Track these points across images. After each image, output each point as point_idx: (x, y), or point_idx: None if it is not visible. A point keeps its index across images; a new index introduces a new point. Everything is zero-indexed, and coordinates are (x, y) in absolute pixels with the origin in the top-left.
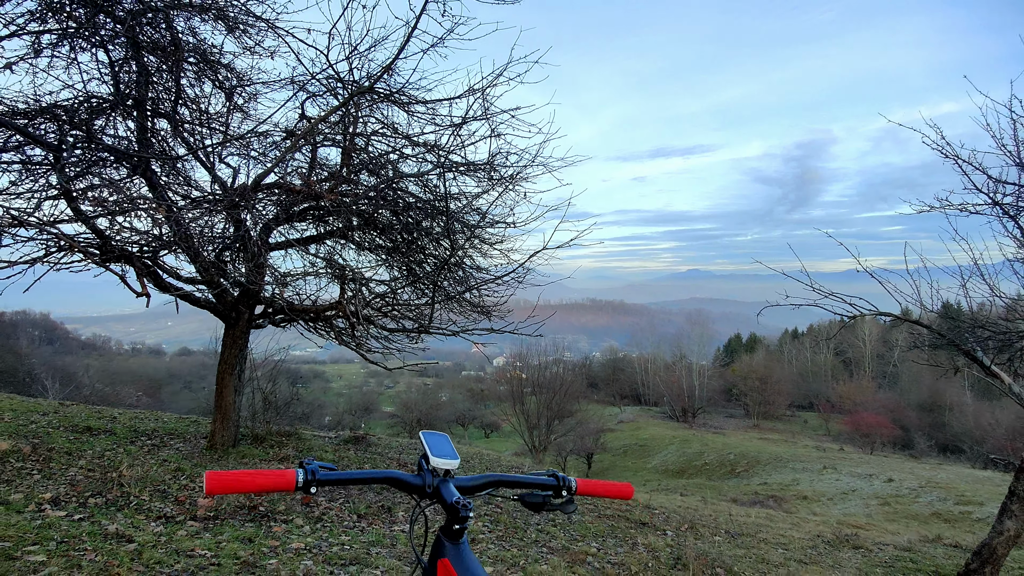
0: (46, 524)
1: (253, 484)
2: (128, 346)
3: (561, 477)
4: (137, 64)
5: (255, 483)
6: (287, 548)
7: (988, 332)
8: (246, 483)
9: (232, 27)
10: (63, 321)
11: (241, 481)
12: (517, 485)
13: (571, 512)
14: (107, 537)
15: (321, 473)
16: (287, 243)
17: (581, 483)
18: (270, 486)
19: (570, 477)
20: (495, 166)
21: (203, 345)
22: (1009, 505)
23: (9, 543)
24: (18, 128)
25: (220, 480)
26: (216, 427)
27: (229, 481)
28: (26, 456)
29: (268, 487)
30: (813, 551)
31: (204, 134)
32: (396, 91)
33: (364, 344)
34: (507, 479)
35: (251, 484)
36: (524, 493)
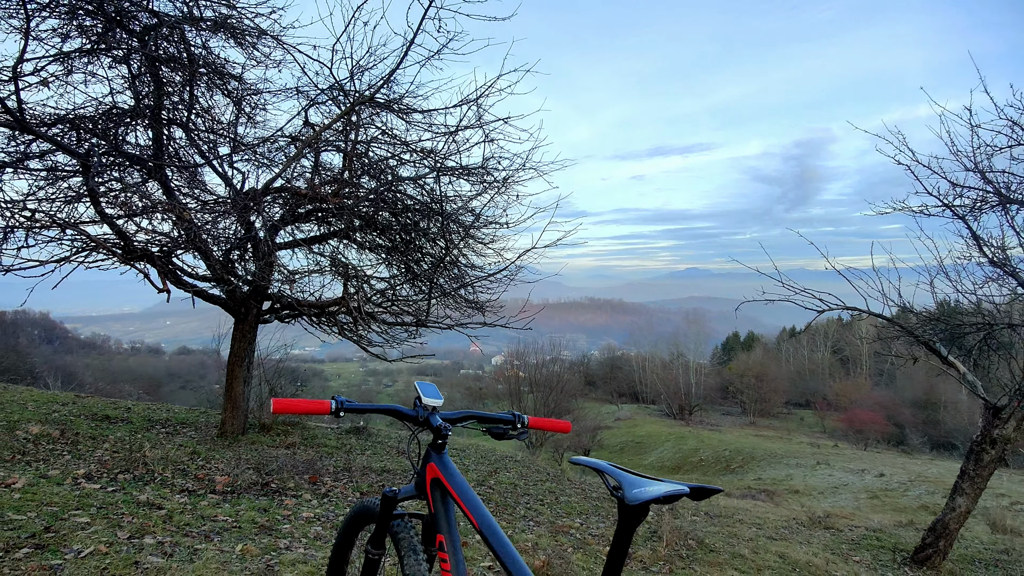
0: (84, 494)
1: (304, 408)
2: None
3: (517, 415)
4: (153, 76)
5: (306, 407)
6: (298, 516)
7: (943, 325)
8: (299, 407)
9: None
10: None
11: (296, 405)
12: (486, 420)
13: (524, 439)
14: (139, 504)
15: (347, 404)
16: (293, 243)
17: (532, 420)
18: (315, 410)
19: (524, 415)
20: (488, 170)
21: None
22: (960, 484)
23: (56, 508)
24: (49, 137)
25: (282, 404)
26: (226, 416)
27: (288, 405)
28: (55, 439)
29: (314, 411)
30: (785, 530)
31: (217, 142)
32: (395, 100)
33: (365, 338)
34: (478, 415)
35: (303, 408)
36: (490, 426)
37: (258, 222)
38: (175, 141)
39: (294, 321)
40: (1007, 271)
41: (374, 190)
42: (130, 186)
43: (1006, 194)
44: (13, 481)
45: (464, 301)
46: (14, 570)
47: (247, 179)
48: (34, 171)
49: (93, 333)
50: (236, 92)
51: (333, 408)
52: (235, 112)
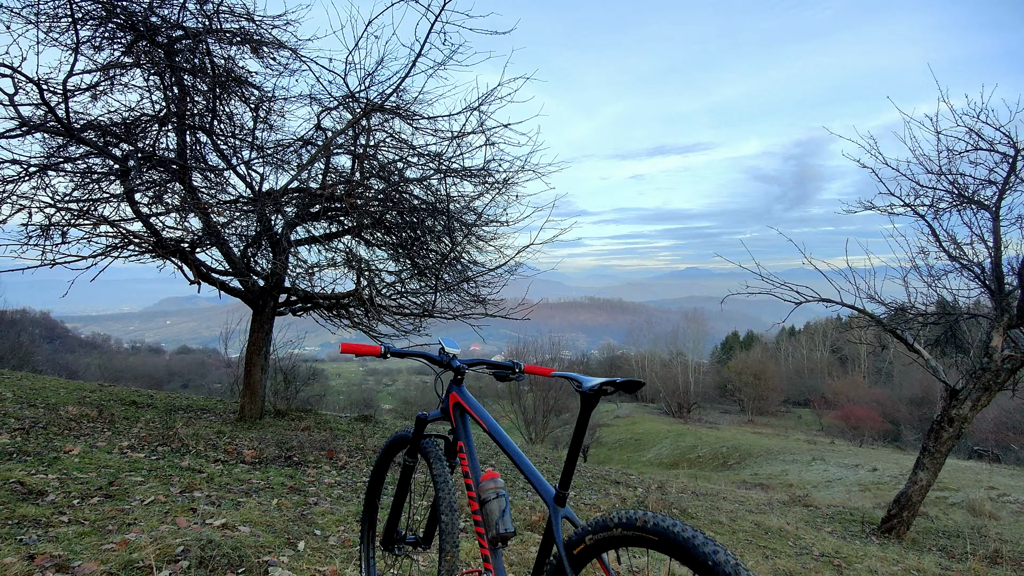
0: (132, 461)
1: (364, 350)
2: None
3: (516, 363)
4: (178, 85)
5: (365, 350)
6: (320, 482)
7: (909, 315)
8: (360, 349)
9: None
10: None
11: (358, 348)
12: (493, 366)
13: (520, 379)
14: (182, 469)
15: (392, 349)
16: (311, 239)
17: (527, 367)
18: (371, 352)
19: (520, 363)
20: (490, 171)
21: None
22: (922, 459)
23: (112, 470)
24: (93, 143)
25: (348, 346)
26: (245, 401)
27: (352, 347)
28: (94, 419)
29: (370, 352)
30: (766, 506)
31: (237, 146)
32: (403, 107)
33: (374, 329)
34: (487, 361)
35: (363, 350)
36: (496, 371)
37: (278, 220)
38: (200, 145)
39: (305, 314)
40: (964, 265)
41: (383, 191)
42: (161, 186)
43: (967, 195)
44: (70, 449)
45: (467, 295)
46: (94, 511)
47: (265, 180)
48: (71, 173)
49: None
50: (254, 99)
51: (383, 351)
52: (253, 118)
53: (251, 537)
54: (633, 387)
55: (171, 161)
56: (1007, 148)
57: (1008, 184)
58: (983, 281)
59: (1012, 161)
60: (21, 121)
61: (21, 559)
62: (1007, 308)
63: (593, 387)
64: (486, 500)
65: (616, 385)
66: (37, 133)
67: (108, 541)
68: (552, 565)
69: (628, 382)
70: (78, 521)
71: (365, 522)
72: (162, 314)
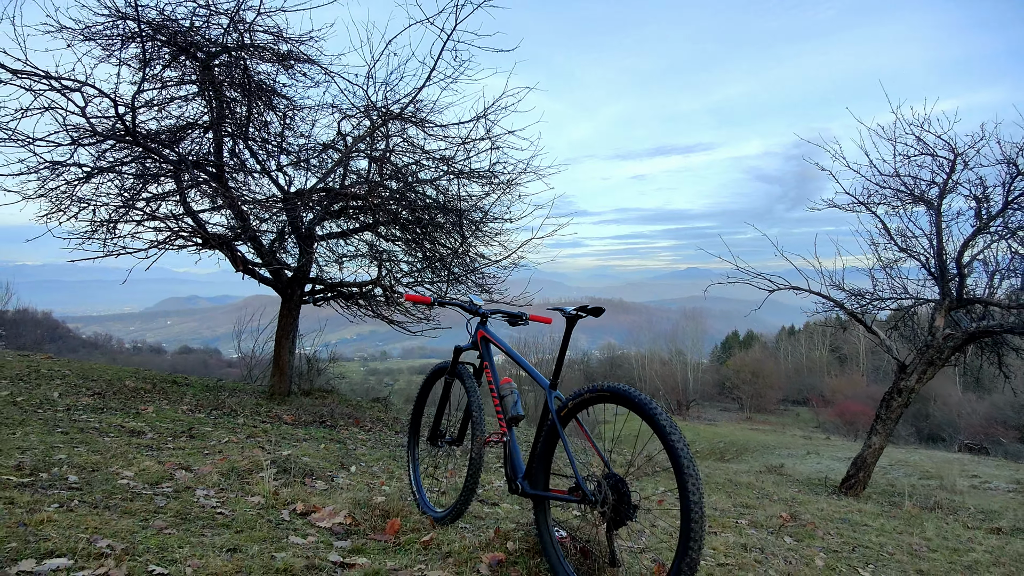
0: (198, 418)
1: (420, 299)
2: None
3: (523, 313)
4: (216, 96)
5: (422, 299)
6: (354, 439)
7: (865, 300)
8: (419, 298)
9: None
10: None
11: (418, 297)
12: (507, 315)
13: (526, 325)
14: (239, 425)
15: (438, 299)
16: (337, 234)
17: (531, 316)
18: (424, 301)
19: (526, 313)
20: (495, 173)
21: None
22: (875, 426)
23: (184, 422)
24: (154, 149)
25: (411, 296)
26: (275, 380)
27: (414, 297)
28: (148, 390)
29: (423, 301)
30: (745, 474)
31: (270, 150)
32: (417, 115)
33: (392, 314)
34: (503, 311)
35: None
36: (508, 317)
37: (307, 216)
38: (239, 150)
39: (325, 304)
40: (911, 255)
41: (399, 190)
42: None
43: (916, 195)
44: (144, 408)
45: (475, 285)
46: (186, 444)
47: (293, 182)
48: (127, 175)
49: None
50: (283, 108)
51: (432, 300)
52: (282, 125)
53: (313, 461)
54: (598, 312)
55: (212, 164)
56: (947, 153)
57: (948, 185)
58: (928, 269)
59: (951, 165)
60: (92, 130)
61: (155, 463)
62: (948, 292)
63: (571, 312)
64: (503, 395)
65: (586, 310)
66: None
67: (209, 459)
68: (548, 426)
69: (595, 308)
70: (179, 448)
71: (411, 432)
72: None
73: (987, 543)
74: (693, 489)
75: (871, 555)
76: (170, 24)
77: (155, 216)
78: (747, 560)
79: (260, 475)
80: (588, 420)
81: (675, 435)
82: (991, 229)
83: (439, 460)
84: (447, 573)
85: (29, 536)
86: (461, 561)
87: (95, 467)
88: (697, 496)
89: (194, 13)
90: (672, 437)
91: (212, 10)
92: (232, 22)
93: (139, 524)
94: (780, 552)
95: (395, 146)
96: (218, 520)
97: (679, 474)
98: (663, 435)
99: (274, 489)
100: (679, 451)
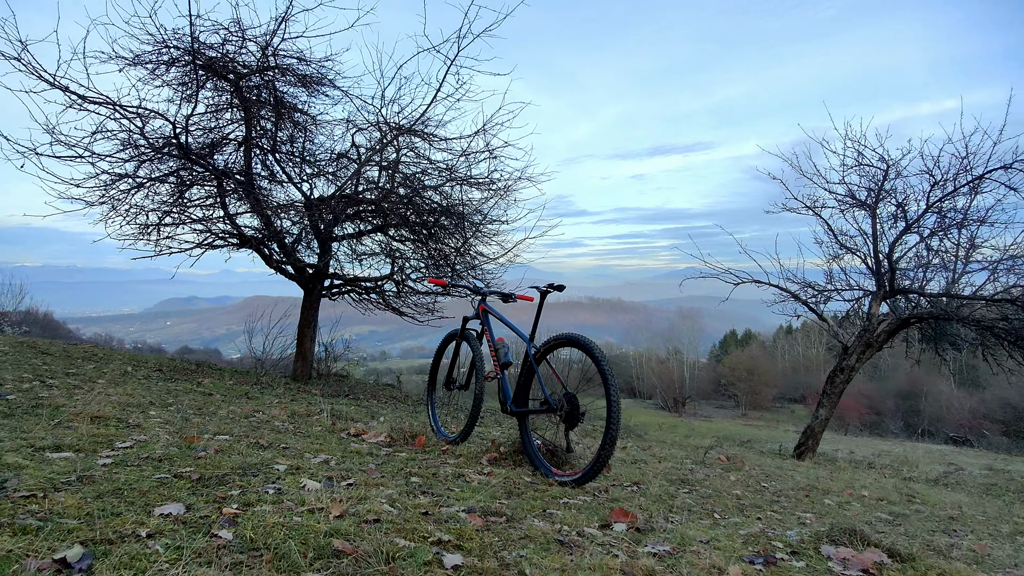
0: (244, 389)
1: (439, 282)
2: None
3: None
4: (245, 113)
5: (440, 282)
6: (377, 405)
7: (815, 291)
8: (438, 281)
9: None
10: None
11: (437, 280)
12: (500, 294)
13: (515, 303)
14: (280, 394)
15: (452, 281)
16: (354, 234)
17: (519, 295)
18: (440, 283)
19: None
20: (493, 180)
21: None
22: (822, 400)
23: (237, 390)
24: (202, 163)
25: (432, 280)
26: (298, 365)
27: (435, 280)
28: (193, 371)
29: (440, 283)
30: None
31: (294, 161)
32: (424, 131)
33: (399, 308)
34: (498, 292)
35: (439, 282)
36: (501, 297)
37: (327, 219)
38: (269, 162)
39: (340, 298)
40: (852, 252)
41: (407, 196)
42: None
43: (857, 200)
44: (202, 380)
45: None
46: (248, 402)
47: (314, 189)
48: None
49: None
50: (303, 122)
51: (447, 283)
52: (304, 138)
53: (351, 412)
54: (561, 288)
55: (245, 173)
56: (880, 164)
57: (881, 191)
58: (867, 264)
59: (884, 173)
60: (152, 147)
61: (237, 408)
62: (883, 284)
63: (543, 287)
64: (498, 348)
65: (552, 287)
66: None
67: (271, 410)
68: (527, 367)
69: (559, 285)
70: (246, 403)
71: (429, 381)
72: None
73: (882, 480)
74: (614, 393)
75: (777, 478)
76: (207, 51)
77: (199, 220)
78: (678, 475)
79: (317, 416)
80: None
81: (604, 362)
82: (915, 230)
83: (451, 400)
84: (459, 464)
85: (205, 431)
86: (468, 459)
87: (200, 407)
88: (615, 397)
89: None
90: (602, 363)
91: (244, 37)
92: (262, 50)
93: (253, 431)
94: (706, 473)
95: (404, 156)
96: (299, 434)
97: (605, 384)
98: (597, 362)
99: (331, 422)
100: (606, 371)
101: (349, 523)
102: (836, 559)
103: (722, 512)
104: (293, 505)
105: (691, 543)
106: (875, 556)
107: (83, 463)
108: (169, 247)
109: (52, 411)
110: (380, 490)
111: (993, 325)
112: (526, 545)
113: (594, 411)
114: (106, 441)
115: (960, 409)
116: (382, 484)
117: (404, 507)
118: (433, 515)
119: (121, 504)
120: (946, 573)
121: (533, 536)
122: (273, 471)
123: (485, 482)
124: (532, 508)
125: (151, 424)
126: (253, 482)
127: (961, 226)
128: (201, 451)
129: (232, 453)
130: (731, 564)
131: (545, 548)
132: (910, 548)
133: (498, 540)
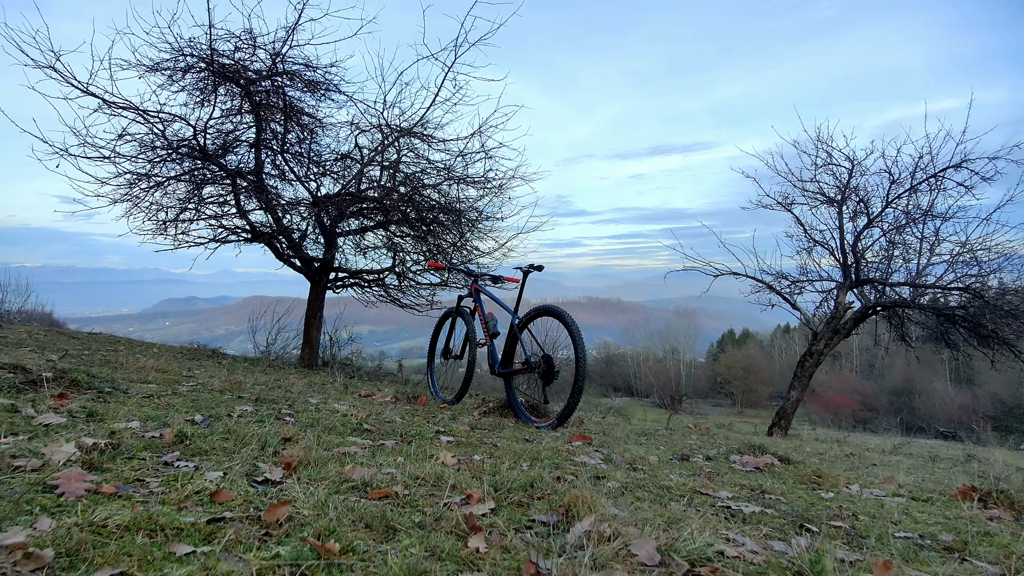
0: (261, 373)
1: (437, 265)
2: None
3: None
4: (255, 116)
5: (438, 265)
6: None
7: (787, 282)
8: (436, 265)
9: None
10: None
11: (435, 264)
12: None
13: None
14: (294, 376)
15: (451, 265)
16: (357, 230)
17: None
18: (439, 267)
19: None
20: (488, 179)
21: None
22: (793, 382)
23: (253, 372)
24: (219, 163)
25: (432, 264)
26: (305, 353)
27: (433, 264)
28: (208, 356)
29: (439, 267)
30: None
31: (302, 161)
32: (423, 133)
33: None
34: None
35: (436, 265)
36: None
37: (334, 214)
38: (278, 162)
39: (344, 290)
40: (821, 244)
41: (407, 194)
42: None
43: (827, 196)
44: (221, 362)
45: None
46: (267, 378)
47: (320, 188)
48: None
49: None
50: (311, 125)
51: (446, 266)
52: (310, 140)
53: (363, 387)
54: (540, 268)
55: (256, 172)
56: (847, 164)
57: (847, 189)
58: (835, 256)
59: (849, 172)
60: (172, 148)
61: (261, 376)
62: (848, 274)
63: (525, 267)
64: (488, 321)
65: (532, 267)
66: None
67: (289, 378)
68: (511, 335)
69: (538, 266)
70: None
71: (429, 352)
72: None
73: (833, 448)
74: (581, 352)
75: (738, 439)
76: (219, 58)
77: (214, 216)
78: (644, 432)
79: (332, 384)
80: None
81: (574, 326)
82: (876, 224)
83: (448, 368)
84: (454, 414)
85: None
86: (461, 412)
87: (228, 382)
88: (582, 354)
89: (238, 48)
90: (572, 327)
91: (255, 45)
92: (272, 57)
93: (281, 388)
94: (671, 432)
95: (404, 157)
96: (319, 392)
97: (574, 343)
98: (568, 326)
99: (344, 387)
100: (575, 333)
101: (372, 421)
102: (739, 463)
103: (667, 446)
104: (329, 413)
105: (629, 451)
106: (768, 460)
107: (170, 389)
108: (187, 241)
109: (121, 367)
110: (391, 413)
111: (952, 313)
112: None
113: None
114: (176, 381)
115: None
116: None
117: (411, 421)
118: (433, 424)
119: (211, 406)
120: (821, 473)
121: (506, 437)
122: (309, 402)
123: (475, 422)
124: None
125: (202, 375)
126: (296, 402)
127: (922, 222)
128: (249, 390)
129: (273, 391)
130: (652, 456)
131: (514, 441)
132: (799, 457)
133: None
